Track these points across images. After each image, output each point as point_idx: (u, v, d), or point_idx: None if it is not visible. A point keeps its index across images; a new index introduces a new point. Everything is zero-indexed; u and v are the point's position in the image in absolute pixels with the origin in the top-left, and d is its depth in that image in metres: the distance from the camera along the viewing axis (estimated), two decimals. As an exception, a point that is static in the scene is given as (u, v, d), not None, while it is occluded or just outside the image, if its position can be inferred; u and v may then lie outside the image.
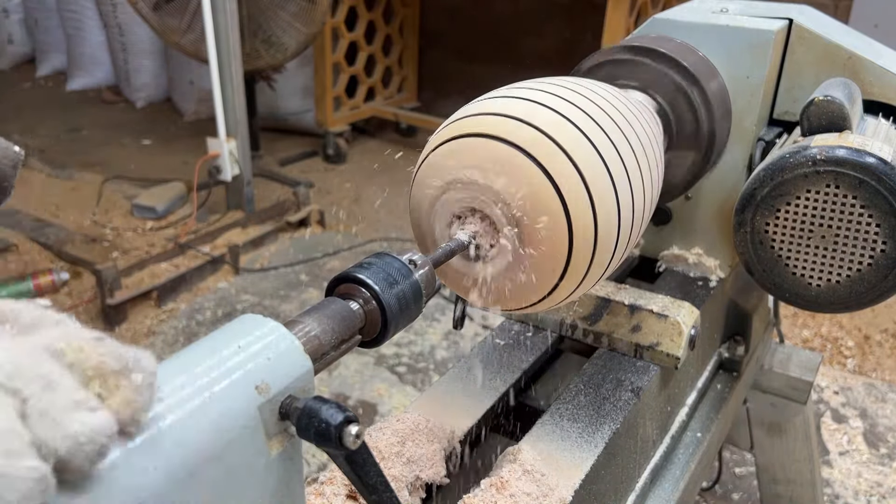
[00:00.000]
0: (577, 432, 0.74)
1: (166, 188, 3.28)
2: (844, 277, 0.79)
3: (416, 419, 0.74)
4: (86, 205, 3.25)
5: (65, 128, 4.27)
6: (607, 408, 0.78)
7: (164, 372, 0.37)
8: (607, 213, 0.61)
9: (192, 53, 3.16)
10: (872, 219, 0.75)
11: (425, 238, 0.66)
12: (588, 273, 0.63)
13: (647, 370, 0.84)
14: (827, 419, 2.11)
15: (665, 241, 1.03)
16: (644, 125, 0.72)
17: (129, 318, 2.48)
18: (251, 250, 2.93)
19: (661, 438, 0.91)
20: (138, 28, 4.21)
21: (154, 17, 3.09)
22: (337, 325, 0.47)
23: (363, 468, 0.43)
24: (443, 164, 0.62)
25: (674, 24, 0.93)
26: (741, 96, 0.92)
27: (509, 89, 0.66)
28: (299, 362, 0.42)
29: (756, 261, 0.83)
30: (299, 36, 3.17)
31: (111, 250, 2.85)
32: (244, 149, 2.99)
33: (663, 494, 0.88)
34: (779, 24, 0.91)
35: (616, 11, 2.88)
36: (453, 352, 2.35)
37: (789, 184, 0.78)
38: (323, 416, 0.40)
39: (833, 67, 0.94)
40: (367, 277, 0.49)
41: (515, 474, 0.67)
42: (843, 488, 1.87)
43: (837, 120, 0.81)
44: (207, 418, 0.36)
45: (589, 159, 0.60)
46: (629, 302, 0.86)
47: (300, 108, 4.11)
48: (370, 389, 2.18)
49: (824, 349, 2.44)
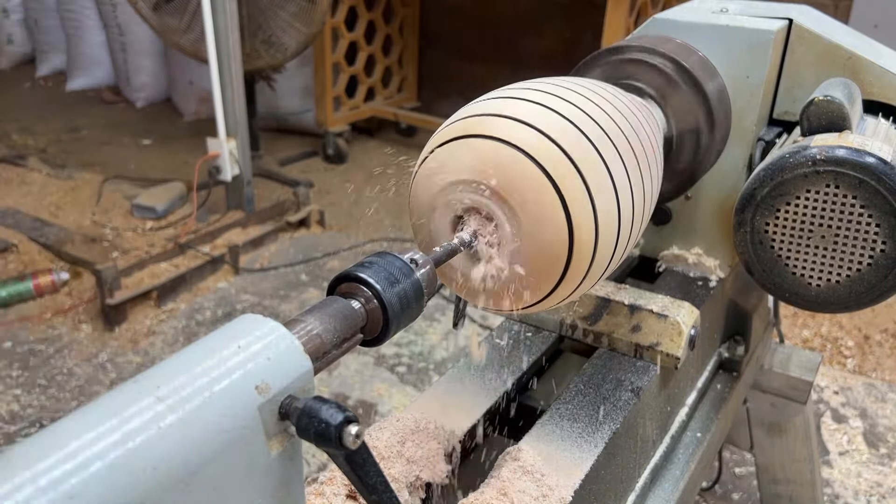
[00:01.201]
0: (577, 432, 0.74)
1: (166, 188, 3.27)
2: (844, 277, 0.79)
3: (416, 419, 0.74)
4: (85, 205, 3.25)
5: (65, 128, 4.27)
6: (607, 408, 0.78)
7: (164, 372, 0.37)
8: (607, 213, 0.61)
9: (191, 53, 3.16)
10: (872, 219, 0.75)
11: (425, 238, 0.66)
12: (588, 273, 0.63)
13: (647, 370, 0.84)
14: (827, 419, 2.11)
15: (665, 241, 1.03)
16: (644, 125, 0.72)
17: (128, 318, 2.48)
18: (251, 250, 2.93)
19: (661, 438, 0.91)
20: (138, 28, 4.21)
21: (154, 17, 3.09)
22: (338, 324, 0.47)
23: (363, 468, 0.43)
24: (443, 165, 0.62)
25: (674, 24, 0.93)
26: (741, 96, 0.92)
27: (509, 90, 0.66)
28: (299, 362, 0.42)
29: (756, 261, 0.83)
30: (299, 36, 3.17)
31: (111, 250, 2.85)
32: (244, 149, 2.99)
33: (663, 494, 0.88)
34: (779, 24, 0.91)
35: (616, 11, 2.88)
36: (453, 352, 2.35)
37: (789, 184, 0.78)
38: (323, 416, 0.40)
39: (833, 67, 0.94)
40: (369, 276, 0.49)
41: (515, 474, 0.67)
42: (843, 488, 1.87)
43: (837, 120, 0.81)
44: (207, 418, 0.36)
45: (589, 159, 0.60)
46: (629, 302, 0.86)
47: (300, 108, 4.11)
48: (370, 389, 2.18)
49: (824, 349, 2.44)
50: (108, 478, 0.32)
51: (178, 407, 0.35)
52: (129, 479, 0.33)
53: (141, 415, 0.35)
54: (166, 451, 0.34)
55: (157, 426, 0.34)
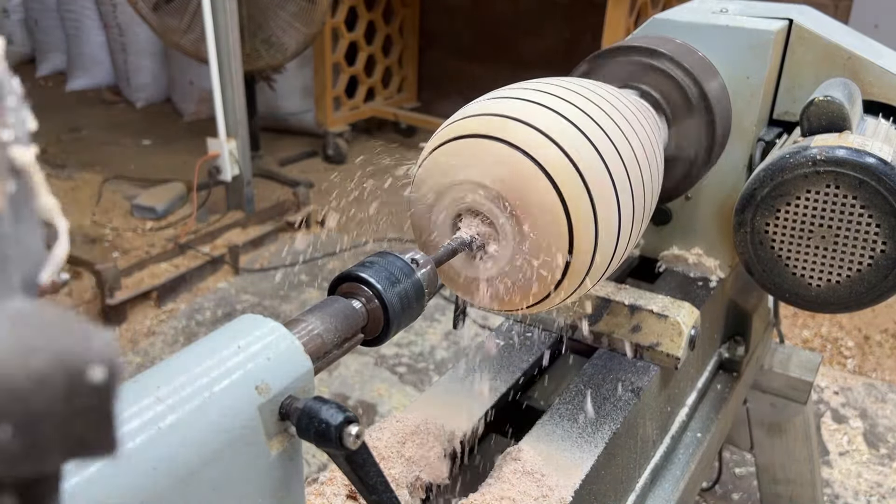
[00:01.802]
0: (577, 432, 0.74)
1: (166, 188, 3.27)
2: (844, 277, 0.79)
3: (416, 419, 0.74)
4: (86, 205, 3.25)
5: (65, 128, 4.27)
6: (607, 408, 0.78)
7: (164, 372, 0.37)
8: (607, 213, 0.61)
9: (192, 53, 3.16)
10: (872, 219, 0.75)
11: (425, 238, 0.66)
12: (588, 273, 0.63)
13: (647, 370, 0.84)
14: (827, 419, 2.11)
15: (665, 241, 1.03)
16: (644, 125, 0.72)
17: (128, 318, 2.48)
18: (251, 250, 2.93)
19: (661, 438, 0.91)
20: (138, 28, 4.21)
21: (154, 17, 3.09)
22: (339, 324, 0.47)
23: (363, 468, 0.43)
24: (443, 165, 0.62)
25: (674, 24, 0.93)
26: (741, 96, 0.92)
27: (509, 90, 0.66)
28: (299, 362, 0.42)
29: (756, 261, 0.83)
30: (299, 36, 3.17)
31: (111, 250, 2.85)
32: (244, 149, 2.99)
33: (663, 494, 0.88)
34: (779, 25, 0.91)
35: (616, 11, 2.88)
36: (453, 352, 2.35)
37: (789, 184, 0.78)
38: (323, 417, 0.40)
39: (833, 67, 0.94)
40: (370, 276, 0.50)
41: (515, 474, 0.67)
42: (843, 488, 1.87)
43: (837, 120, 0.81)
44: (207, 418, 0.36)
45: (589, 160, 0.60)
46: (629, 302, 0.86)
47: (300, 108, 4.11)
48: (370, 389, 2.18)
49: (824, 349, 2.44)
50: (108, 478, 0.32)
51: (178, 407, 0.35)
52: (129, 479, 0.33)
53: (141, 415, 0.35)
54: (166, 451, 0.34)
55: (157, 426, 0.34)
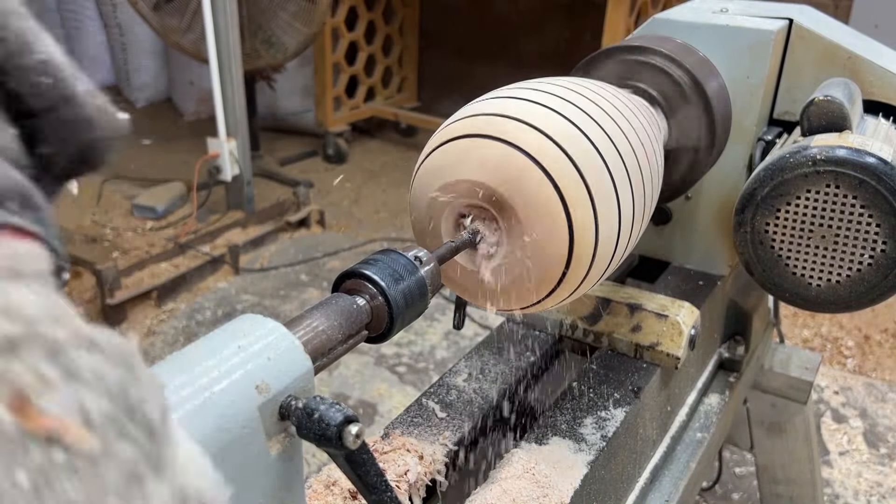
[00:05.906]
0: (577, 432, 0.74)
1: (166, 188, 3.27)
2: (844, 277, 0.79)
3: (416, 419, 0.74)
4: (86, 205, 3.25)
5: (65, 128, 4.27)
6: (607, 408, 0.78)
7: (164, 372, 0.37)
8: (608, 213, 0.61)
9: (192, 53, 3.16)
10: (872, 219, 0.75)
11: (426, 238, 0.66)
12: (588, 273, 0.63)
13: (647, 370, 0.84)
14: (827, 419, 2.11)
15: (665, 241, 1.03)
16: (644, 124, 0.72)
17: (129, 318, 2.48)
18: (251, 250, 2.93)
19: (661, 438, 0.91)
20: (138, 28, 4.21)
21: (154, 17, 3.09)
22: (343, 321, 0.47)
23: (363, 468, 0.43)
24: (443, 165, 0.62)
25: (674, 24, 0.93)
26: (741, 96, 0.92)
27: (509, 90, 0.66)
28: (299, 362, 0.42)
29: (756, 261, 0.83)
30: (299, 36, 3.17)
31: (111, 250, 2.85)
32: (244, 149, 2.99)
33: (663, 494, 0.88)
34: (779, 24, 0.91)
35: (616, 11, 2.88)
36: (453, 352, 2.35)
37: (789, 184, 0.78)
38: (323, 416, 0.40)
39: (833, 67, 0.94)
40: (374, 273, 0.50)
41: (515, 474, 0.67)
42: (843, 488, 1.87)
43: (837, 120, 0.81)
44: (207, 418, 0.36)
45: (589, 159, 0.60)
46: (629, 302, 0.86)
47: (300, 108, 4.11)
48: (370, 389, 2.18)
49: (824, 349, 2.44)
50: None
51: (178, 407, 0.35)
52: (130, 479, 0.33)
53: (141, 415, 0.34)
54: (166, 451, 0.34)
55: (158, 426, 0.34)
